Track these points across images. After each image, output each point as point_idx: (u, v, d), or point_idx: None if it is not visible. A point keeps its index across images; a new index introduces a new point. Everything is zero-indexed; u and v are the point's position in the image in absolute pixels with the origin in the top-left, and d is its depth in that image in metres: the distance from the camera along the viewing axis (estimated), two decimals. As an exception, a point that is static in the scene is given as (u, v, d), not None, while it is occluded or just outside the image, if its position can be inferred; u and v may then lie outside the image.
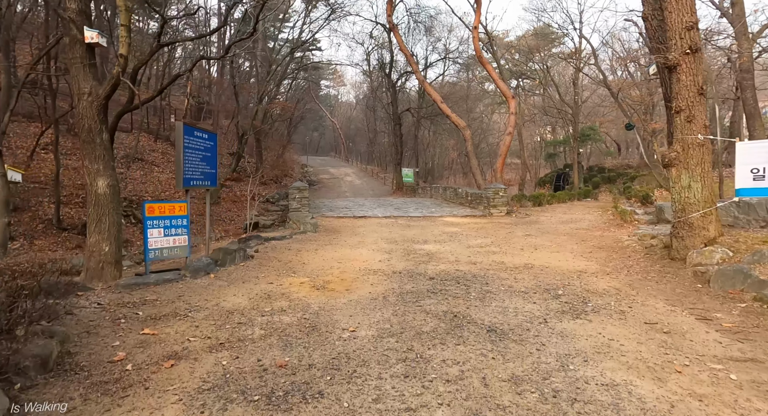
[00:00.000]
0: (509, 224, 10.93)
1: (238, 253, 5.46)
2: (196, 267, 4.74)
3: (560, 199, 18.41)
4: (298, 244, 7.48)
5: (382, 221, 11.19)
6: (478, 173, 17.13)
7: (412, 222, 11.10)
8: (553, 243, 7.78)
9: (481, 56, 15.23)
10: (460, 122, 17.81)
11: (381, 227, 10.18)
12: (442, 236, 8.81)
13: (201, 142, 6.06)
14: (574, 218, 11.85)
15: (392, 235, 8.87)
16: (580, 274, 5.35)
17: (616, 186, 28.33)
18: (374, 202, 16.51)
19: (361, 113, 52.40)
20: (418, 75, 18.87)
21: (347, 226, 10.21)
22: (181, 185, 5.49)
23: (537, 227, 10.11)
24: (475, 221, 11.41)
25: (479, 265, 5.91)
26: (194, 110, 36.05)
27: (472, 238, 8.52)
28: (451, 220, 11.65)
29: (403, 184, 25.04)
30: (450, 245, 7.59)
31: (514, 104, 15.07)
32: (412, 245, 7.66)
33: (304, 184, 11.91)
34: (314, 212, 12.60)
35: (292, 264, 5.80)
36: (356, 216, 11.94)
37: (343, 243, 7.73)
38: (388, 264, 5.95)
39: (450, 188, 16.54)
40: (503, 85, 15.27)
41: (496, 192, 12.75)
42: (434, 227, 10.12)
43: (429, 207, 14.53)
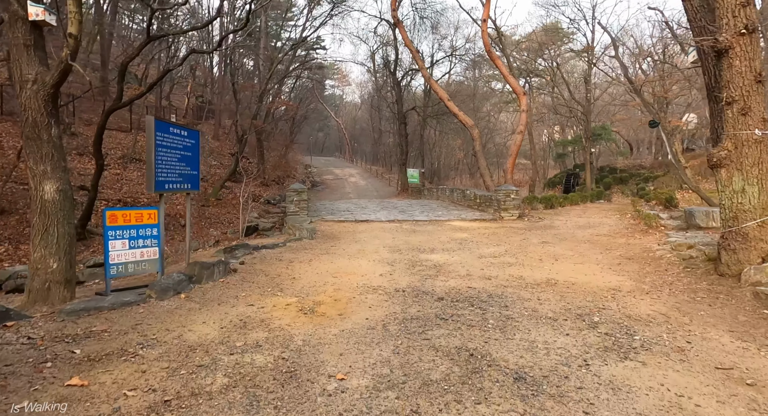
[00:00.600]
0: (522, 229, 10.15)
1: (217, 267, 4.74)
2: (164, 286, 4.03)
3: (572, 201, 17.59)
4: (291, 253, 6.75)
5: (386, 226, 10.45)
6: (487, 174, 16.34)
7: (417, 227, 10.35)
8: (575, 253, 7.00)
9: (491, 51, 14.45)
10: (467, 121, 17.03)
11: (384, 232, 9.44)
12: (451, 243, 8.05)
13: (178, 140, 5.36)
14: (591, 223, 11.03)
15: (396, 242, 8.13)
16: (614, 293, 4.58)
17: (629, 187, 27.46)
18: (378, 204, 15.78)
19: (366, 113, 51.76)
20: (423, 72, 18.11)
21: (348, 231, 9.48)
22: (153, 188, 4.78)
23: (553, 233, 9.32)
24: (486, 226, 10.64)
25: (495, 281, 5.15)
26: (196, 109, 35.56)
27: (484, 246, 7.75)
28: (460, 225, 10.89)
29: (409, 185, 24.29)
30: (460, 255, 6.83)
31: (525, 100, 14.27)
32: (418, 254, 6.91)
33: (303, 186, 11.20)
34: (314, 215, 11.89)
35: (280, 279, 5.07)
36: (358, 220, 11.22)
37: (342, 252, 7.00)
38: (390, 279, 5.20)
39: (457, 190, 15.77)
40: (514, 82, 14.47)
41: (507, 194, 11.96)
42: (442, 233, 9.36)
43: (435, 210, 13.77)
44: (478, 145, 16.77)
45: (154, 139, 4.77)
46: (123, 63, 10.37)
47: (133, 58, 10.63)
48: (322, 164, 45.57)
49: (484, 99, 42.32)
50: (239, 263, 5.61)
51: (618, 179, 28.32)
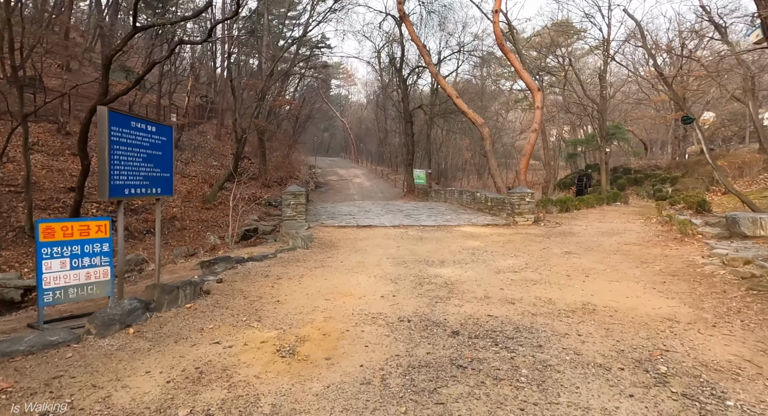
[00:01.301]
0: (540, 236, 9.23)
1: (183, 290, 3.90)
2: (107, 319, 3.20)
3: (588, 203, 16.61)
4: (281, 267, 5.91)
5: (390, 232, 9.58)
6: (498, 176, 15.42)
7: (425, 233, 9.48)
8: (606, 266, 6.08)
9: (503, 44, 13.54)
10: (477, 119, 16.12)
11: (388, 240, 8.58)
12: (462, 253, 7.16)
13: (143, 137, 4.54)
14: (615, 229, 10.09)
15: (401, 252, 7.26)
16: (671, 325, 3.68)
17: (644, 188, 26.37)
18: (382, 207, 14.92)
19: (371, 113, 51.00)
20: (431, 68, 17.23)
21: (348, 239, 8.62)
22: (106, 194, 3.96)
23: (575, 241, 8.40)
24: (499, 232, 9.73)
25: (520, 306, 4.26)
26: (199, 109, 34.95)
27: (500, 257, 6.86)
28: (471, 230, 9.99)
29: (415, 186, 23.41)
30: (474, 269, 5.94)
31: (540, 96, 13.33)
32: (426, 268, 6.03)
33: (300, 188, 10.37)
34: (313, 220, 11.07)
35: (261, 303, 4.22)
36: (360, 226, 10.36)
37: (339, 266, 6.14)
38: (393, 303, 4.34)
39: (467, 192, 14.87)
40: (527, 77, 13.55)
41: (521, 197, 11.05)
42: (452, 241, 8.47)
43: (444, 214, 12.89)
44: (489, 144, 15.85)
45: (108, 135, 3.95)
46: (107, 56, 9.62)
47: (119, 50, 9.89)
48: (327, 164, 44.84)
49: (492, 98, 41.32)
50: (216, 282, 4.78)
51: (633, 180, 27.23)
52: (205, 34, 26.50)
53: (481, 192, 13.73)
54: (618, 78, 32.36)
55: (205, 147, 27.89)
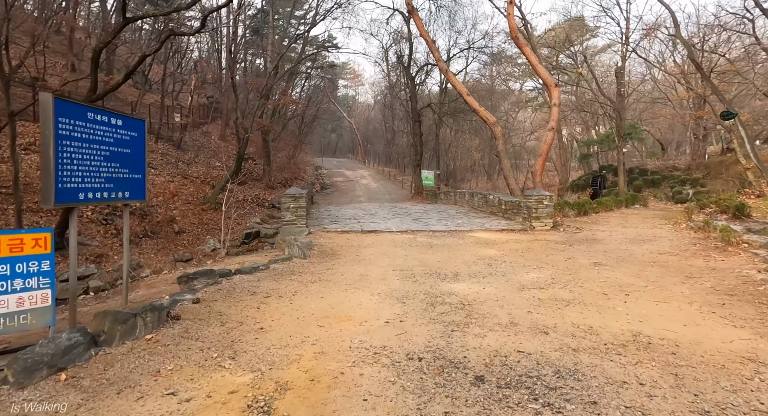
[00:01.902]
0: (561, 243, 8.41)
1: (143, 317, 3.18)
2: (32, 361, 2.49)
3: (607, 206, 15.71)
4: (272, 281, 5.17)
5: (397, 238, 8.82)
6: (511, 177, 14.60)
7: (435, 240, 8.70)
8: (646, 282, 5.27)
9: (517, 37, 12.73)
10: (489, 117, 15.32)
11: (395, 247, 7.82)
12: (478, 264, 6.38)
13: (105, 131, 3.84)
14: (642, 235, 9.23)
15: (409, 262, 6.50)
16: (756, 368, 2.87)
17: (662, 190, 25.32)
18: (389, 210, 14.17)
19: (379, 113, 50.32)
20: (440, 64, 16.46)
21: (351, 246, 7.88)
22: (51, 200, 3.25)
23: (602, 250, 7.57)
24: (516, 239, 8.93)
25: (555, 336, 3.48)
26: (204, 109, 34.50)
27: (521, 268, 6.06)
28: (485, 236, 9.19)
29: (423, 188, 22.64)
30: (493, 284, 5.16)
31: (557, 93, 12.50)
32: (438, 283, 5.26)
33: (301, 190, 9.66)
34: (314, 224, 10.35)
35: (240, 332, 3.49)
36: (365, 231, 9.62)
37: (338, 280, 5.39)
38: (400, 331, 3.58)
39: (479, 194, 14.06)
40: (544, 72, 12.72)
41: (539, 200, 10.23)
42: (465, 249, 7.69)
43: (454, 217, 12.10)
44: (501, 144, 15.04)
45: (54, 127, 3.24)
46: (96, 49, 9.00)
47: (107, 43, 9.27)
48: (334, 165, 44.21)
49: (502, 98, 40.38)
50: (192, 302, 4.06)
51: (649, 182, 26.18)
52: (211, 30, 26.00)
53: (494, 194, 12.92)
54: (633, 76, 31.31)
55: (209, 148, 27.38)
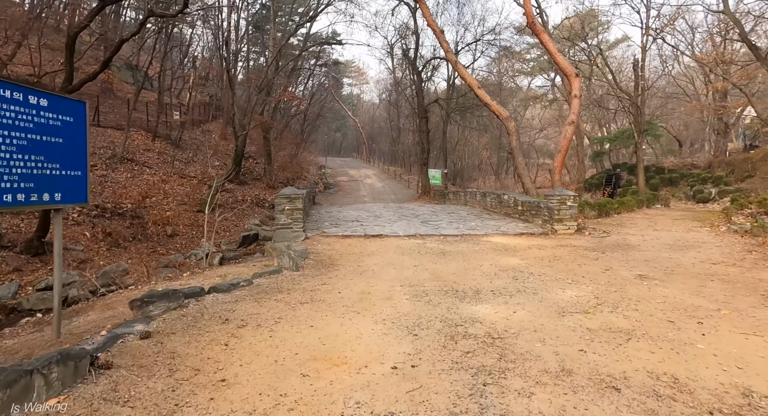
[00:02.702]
0: (591, 249, 7.39)
1: (45, 374, 2.22)
2: None
3: (628, 207, 14.66)
4: (252, 303, 4.21)
5: (405, 244, 7.84)
6: (527, 175, 13.56)
7: (447, 246, 7.71)
8: (714, 302, 4.24)
9: (534, 23, 11.67)
10: (502, 112, 14.29)
11: (402, 255, 6.84)
12: (501, 276, 5.38)
13: (18, 113, 2.89)
14: (681, 240, 8.19)
15: (419, 274, 5.51)
16: None
17: (680, 189, 24.15)
18: (395, 211, 13.19)
19: (384, 112, 49.37)
20: (449, 55, 15.44)
21: (352, 254, 6.91)
22: None
23: (641, 258, 6.54)
24: (539, 244, 7.91)
25: (631, 396, 2.47)
26: (205, 107, 33.70)
27: (554, 283, 5.06)
28: (503, 242, 8.18)
29: (430, 187, 21.63)
30: (525, 306, 4.16)
31: (577, 83, 11.44)
32: (456, 304, 4.28)
33: (297, 191, 8.70)
34: (313, 227, 9.40)
35: (191, 389, 2.52)
36: (368, 235, 8.64)
37: (334, 300, 4.42)
38: (413, 385, 2.60)
39: (491, 194, 13.03)
40: (563, 60, 11.67)
41: (562, 201, 9.20)
42: (482, 257, 6.69)
43: (466, 220, 11.10)
44: (515, 140, 14.00)
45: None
46: (71, 34, 8.10)
47: (84, 27, 8.37)
48: (338, 164, 43.29)
49: (510, 95, 39.24)
50: (140, 337, 3.10)
51: (667, 180, 25.00)
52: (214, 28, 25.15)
53: (510, 194, 11.89)
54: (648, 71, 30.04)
55: (209, 146, 26.56)
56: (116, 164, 18.50)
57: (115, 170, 18.00)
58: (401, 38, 25.78)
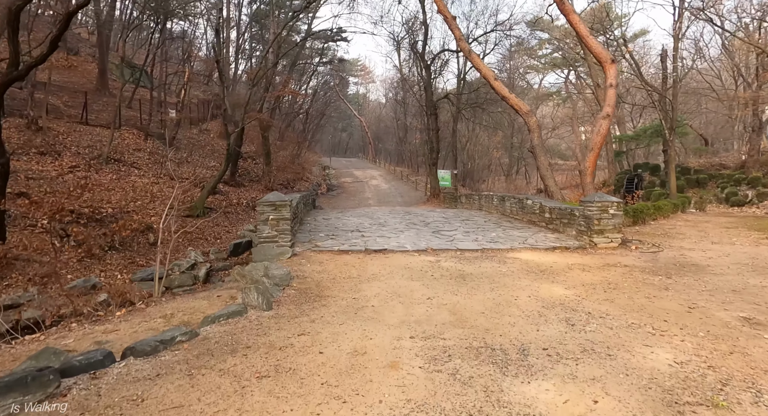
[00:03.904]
0: (650, 271, 5.83)
1: None
2: None
3: (663, 212, 13.04)
4: (181, 381, 2.73)
5: (414, 263, 6.33)
6: (551, 177, 11.99)
7: (466, 265, 6.19)
8: None
9: (564, 1, 10.10)
10: (522, 106, 12.75)
11: (411, 280, 5.33)
12: (551, 320, 3.85)
13: None
14: (758, 258, 6.59)
15: (435, 317, 4.00)
16: None
17: (710, 191, 22.39)
18: (402, 218, 11.69)
19: (390, 112, 47.93)
20: (461, 43, 13.91)
21: (348, 278, 5.42)
22: None
23: (725, 287, 4.98)
24: (579, 263, 6.36)
25: None
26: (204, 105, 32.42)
27: (629, 333, 3.51)
28: (535, 259, 6.64)
29: (440, 189, 20.09)
30: (608, 387, 2.64)
31: (613, 71, 9.86)
32: (497, 379, 2.76)
33: (284, 197, 7.21)
34: (305, 239, 7.92)
35: None
36: (370, 250, 7.14)
37: (311, 369, 2.92)
38: None
39: (512, 198, 11.47)
40: (596, 44, 10.07)
41: (603, 208, 7.63)
42: (515, 283, 5.15)
43: (484, 228, 9.56)
44: (537, 137, 12.44)
45: None
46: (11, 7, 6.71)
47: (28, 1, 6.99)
48: (343, 165, 41.85)
49: (521, 94, 37.55)
50: None
51: (693, 182, 23.19)
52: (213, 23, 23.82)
53: (534, 199, 10.33)
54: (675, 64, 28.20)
55: (206, 146, 25.24)
56: (101, 164, 17.16)
57: (99, 172, 16.65)
58: (409, 32, 24.33)
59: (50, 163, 15.82)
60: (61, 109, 21.26)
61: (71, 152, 17.09)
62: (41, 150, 16.16)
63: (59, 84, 25.03)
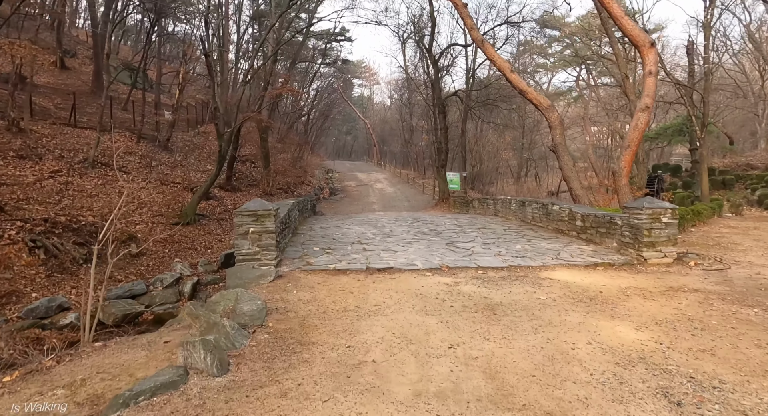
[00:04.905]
0: (733, 300, 4.49)
1: None
2: None
3: (702, 217, 11.67)
4: None
5: (427, 287, 5.03)
6: (576, 179, 10.66)
7: (492, 289, 4.88)
8: None
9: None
10: (542, 101, 11.47)
11: (425, 315, 4.04)
12: (644, 396, 2.54)
13: None
14: None
15: (463, 383, 2.70)
16: None
17: (737, 193, 20.92)
18: (410, 225, 10.41)
19: (395, 113, 46.77)
20: (473, 33, 12.64)
21: (342, 312, 4.13)
22: None
23: None
24: (635, 286, 5.03)
25: None
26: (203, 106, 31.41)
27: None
28: (578, 280, 5.32)
29: (450, 193, 18.78)
30: None
31: (653, 56, 8.53)
32: None
33: (269, 205, 5.93)
34: (295, 254, 6.64)
35: None
36: (372, 269, 5.85)
37: None
38: None
39: (533, 203, 10.14)
40: (632, 26, 8.74)
41: (654, 216, 6.29)
42: (564, 321, 3.83)
43: (505, 238, 8.24)
44: (560, 135, 11.13)
45: None
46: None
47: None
48: (347, 168, 40.65)
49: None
50: None
51: (719, 183, 21.70)
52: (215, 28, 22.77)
53: (562, 204, 8.99)
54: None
55: (203, 149, 24.13)
56: (86, 169, 15.99)
57: (84, 176, 15.46)
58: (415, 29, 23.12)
59: (29, 167, 14.65)
60: (52, 111, 20.27)
61: (54, 156, 15.93)
62: (20, 153, 15.00)
63: (53, 86, 24.13)
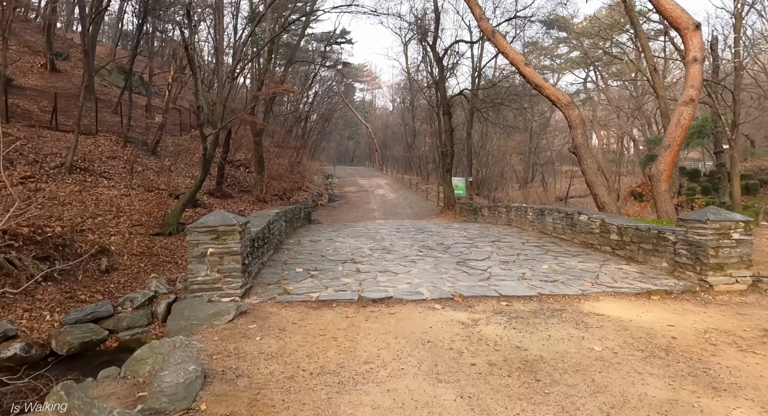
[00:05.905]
0: None
1: None
2: None
3: (743, 227, 10.26)
4: None
5: (437, 330, 3.72)
6: (601, 184, 9.38)
7: (524, 334, 3.58)
8: None
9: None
10: (561, 97, 10.23)
11: (436, 381, 2.74)
12: None
13: None
14: None
15: None
16: None
17: (762, 198, 19.57)
18: (413, 237, 9.11)
19: (398, 118, 45.66)
20: (482, 23, 11.42)
21: (319, 376, 2.84)
22: None
23: None
24: (720, 329, 3.71)
25: None
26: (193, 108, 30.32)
27: None
28: (635, 318, 4.00)
29: (455, 199, 17.49)
30: None
31: (697, 41, 7.27)
32: None
33: (233, 219, 4.65)
34: (273, 277, 5.35)
35: None
36: (366, 300, 4.56)
37: None
38: None
39: (555, 212, 8.83)
40: (672, 4, 7.47)
41: (722, 232, 4.97)
42: (643, 395, 2.52)
43: (526, 254, 6.93)
44: (581, 135, 9.86)
45: None
46: None
47: None
48: (348, 173, 39.46)
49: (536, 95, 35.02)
50: None
51: (742, 188, 20.34)
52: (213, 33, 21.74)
53: (592, 214, 7.67)
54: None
55: (195, 153, 22.97)
56: (63, 174, 14.75)
57: (59, 183, 14.20)
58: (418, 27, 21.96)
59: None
60: (35, 114, 19.17)
61: (28, 161, 14.71)
62: (-9, 158, 13.71)
63: (41, 89, 23.19)
